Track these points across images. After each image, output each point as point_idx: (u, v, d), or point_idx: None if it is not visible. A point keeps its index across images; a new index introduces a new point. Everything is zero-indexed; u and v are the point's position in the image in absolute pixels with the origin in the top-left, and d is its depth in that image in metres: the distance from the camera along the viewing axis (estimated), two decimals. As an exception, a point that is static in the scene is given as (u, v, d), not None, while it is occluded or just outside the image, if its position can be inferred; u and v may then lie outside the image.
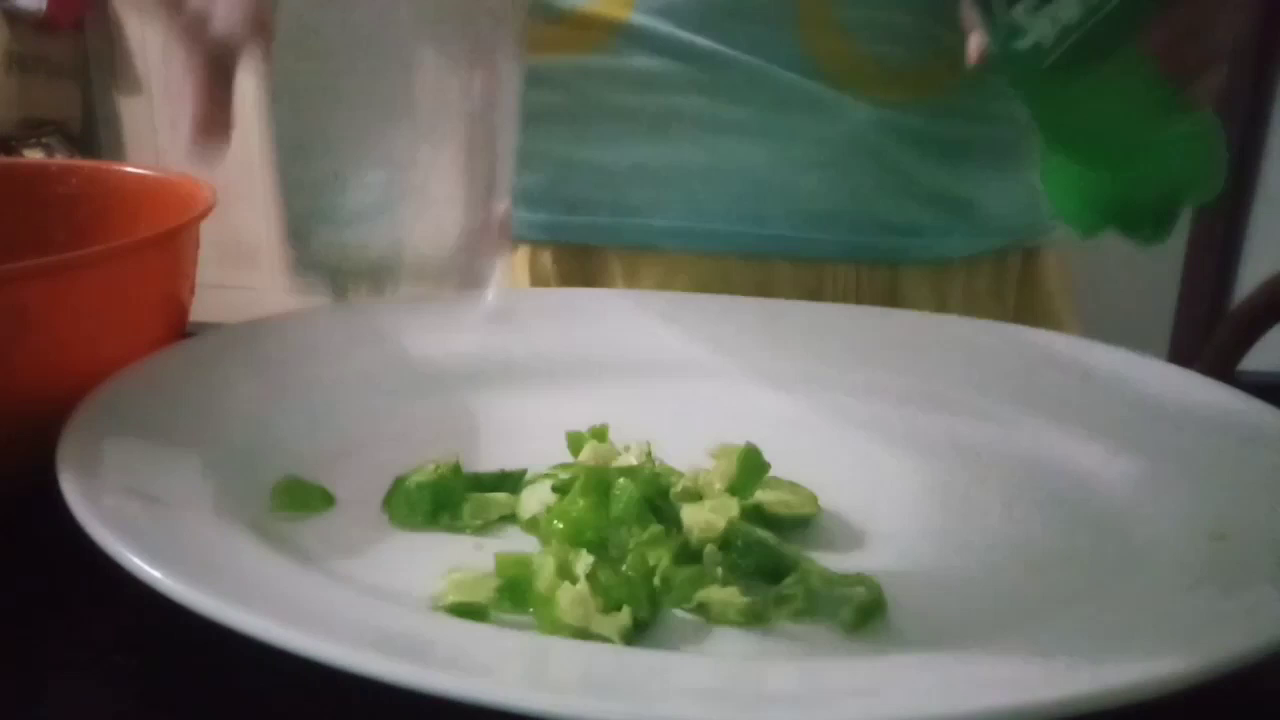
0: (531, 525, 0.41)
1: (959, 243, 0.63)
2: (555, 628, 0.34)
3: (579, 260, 0.62)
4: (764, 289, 0.60)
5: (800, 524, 0.41)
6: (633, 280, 0.62)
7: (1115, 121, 0.52)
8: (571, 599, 0.34)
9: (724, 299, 0.58)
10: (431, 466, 0.42)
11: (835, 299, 0.61)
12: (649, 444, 0.44)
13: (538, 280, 0.63)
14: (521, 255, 0.63)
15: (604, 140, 0.59)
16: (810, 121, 0.58)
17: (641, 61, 0.58)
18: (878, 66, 0.58)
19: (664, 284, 0.61)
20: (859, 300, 0.61)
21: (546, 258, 0.63)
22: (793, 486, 0.42)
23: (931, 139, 0.61)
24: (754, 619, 0.35)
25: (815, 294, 0.61)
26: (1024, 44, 0.50)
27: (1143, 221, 0.54)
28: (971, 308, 0.65)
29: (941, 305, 0.64)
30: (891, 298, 0.62)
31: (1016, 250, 0.67)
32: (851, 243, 0.61)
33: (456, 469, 0.42)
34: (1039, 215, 0.65)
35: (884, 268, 0.62)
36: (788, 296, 0.59)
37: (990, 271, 0.66)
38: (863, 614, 0.35)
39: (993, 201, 0.65)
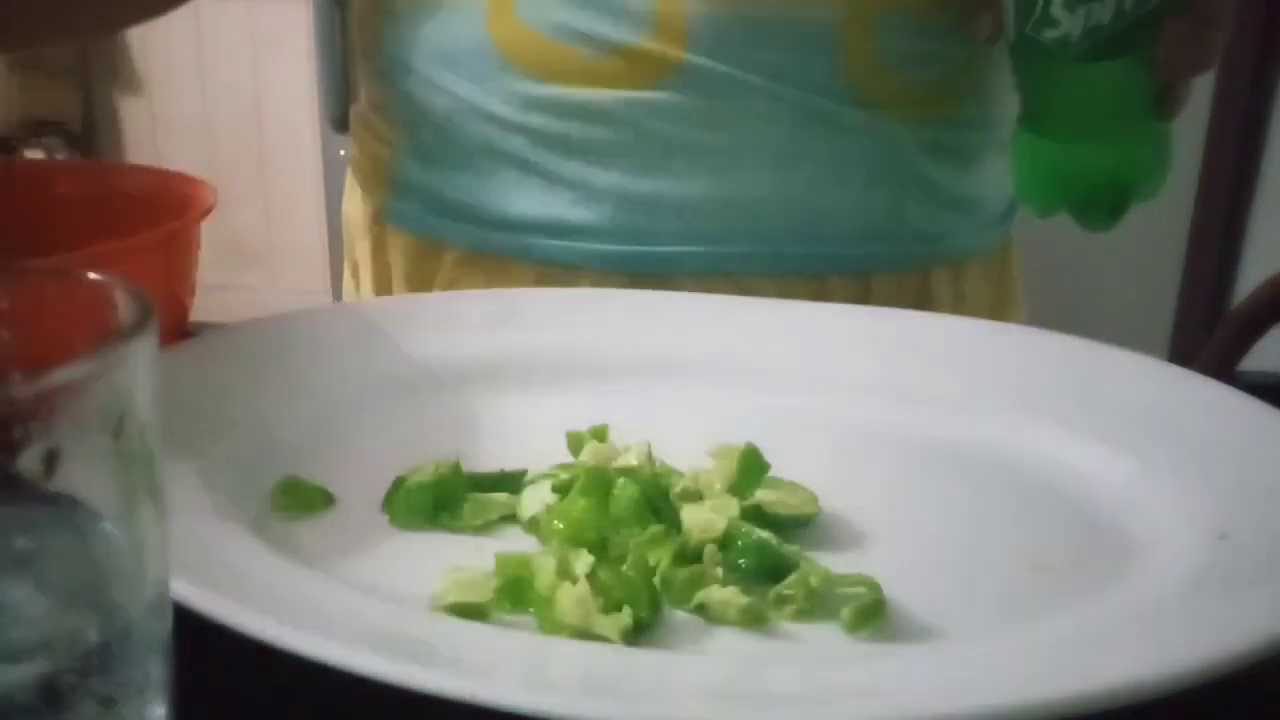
0: (532, 525, 0.41)
1: (974, 241, 0.68)
2: (555, 628, 0.34)
3: (648, 287, 0.62)
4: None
5: (800, 524, 0.41)
6: None
7: (1101, 110, 0.55)
8: (572, 599, 0.34)
9: (724, 299, 0.58)
10: (431, 466, 0.42)
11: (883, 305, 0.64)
12: (649, 444, 0.44)
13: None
14: (585, 282, 0.63)
15: (666, 173, 0.60)
16: (857, 145, 0.61)
17: (701, 101, 0.59)
18: (908, 90, 0.62)
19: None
20: (901, 305, 0.64)
21: (616, 285, 0.62)
22: (793, 486, 0.42)
23: (950, 148, 0.65)
24: (754, 619, 0.35)
25: (864, 302, 0.63)
26: (1053, 35, 0.52)
27: (1097, 208, 0.57)
28: (980, 302, 0.69)
29: (960, 302, 0.67)
30: (925, 300, 0.66)
31: (1009, 241, 0.72)
32: (894, 254, 0.65)
33: (456, 469, 0.42)
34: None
35: (917, 273, 0.65)
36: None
37: (998, 264, 0.70)
38: (863, 614, 0.35)
39: (996, 198, 0.69)
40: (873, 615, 0.35)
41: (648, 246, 0.62)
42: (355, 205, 0.73)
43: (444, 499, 0.41)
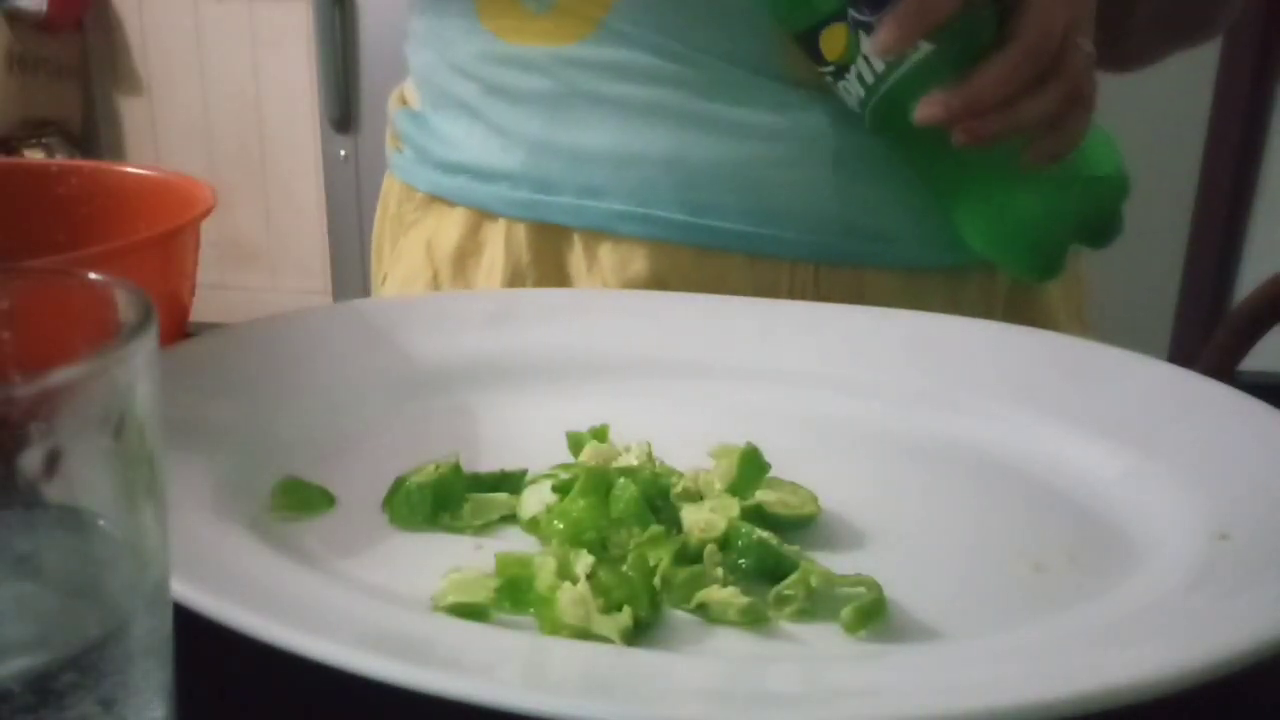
0: (532, 525, 0.41)
1: (935, 253, 0.63)
2: (555, 628, 0.34)
3: (549, 239, 0.64)
4: (717, 282, 0.61)
5: (801, 524, 0.41)
6: (591, 262, 0.63)
7: (960, 164, 0.57)
8: (572, 599, 0.34)
9: (724, 299, 0.58)
10: (432, 466, 0.42)
11: (791, 298, 0.62)
12: (649, 444, 0.44)
13: (511, 254, 0.65)
14: (498, 228, 0.65)
15: (578, 125, 0.62)
16: (770, 119, 0.60)
17: (618, 54, 0.60)
18: None
19: (619, 269, 0.62)
20: (817, 300, 0.62)
21: (521, 233, 0.65)
22: (793, 487, 0.42)
23: (906, 147, 0.61)
24: (754, 619, 0.35)
25: (770, 291, 0.61)
26: (851, 102, 0.56)
27: (1013, 255, 0.59)
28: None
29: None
30: (856, 301, 0.62)
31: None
32: (808, 242, 0.62)
33: (456, 469, 0.42)
34: None
35: (847, 270, 0.62)
36: (741, 292, 0.60)
37: (978, 285, 0.65)
38: (863, 614, 0.35)
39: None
40: (873, 615, 0.35)
41: (548, 196, 0.63)
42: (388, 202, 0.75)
43: (444, 499, 0.41)
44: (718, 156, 0.60)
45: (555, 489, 0.41)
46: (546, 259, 0.64)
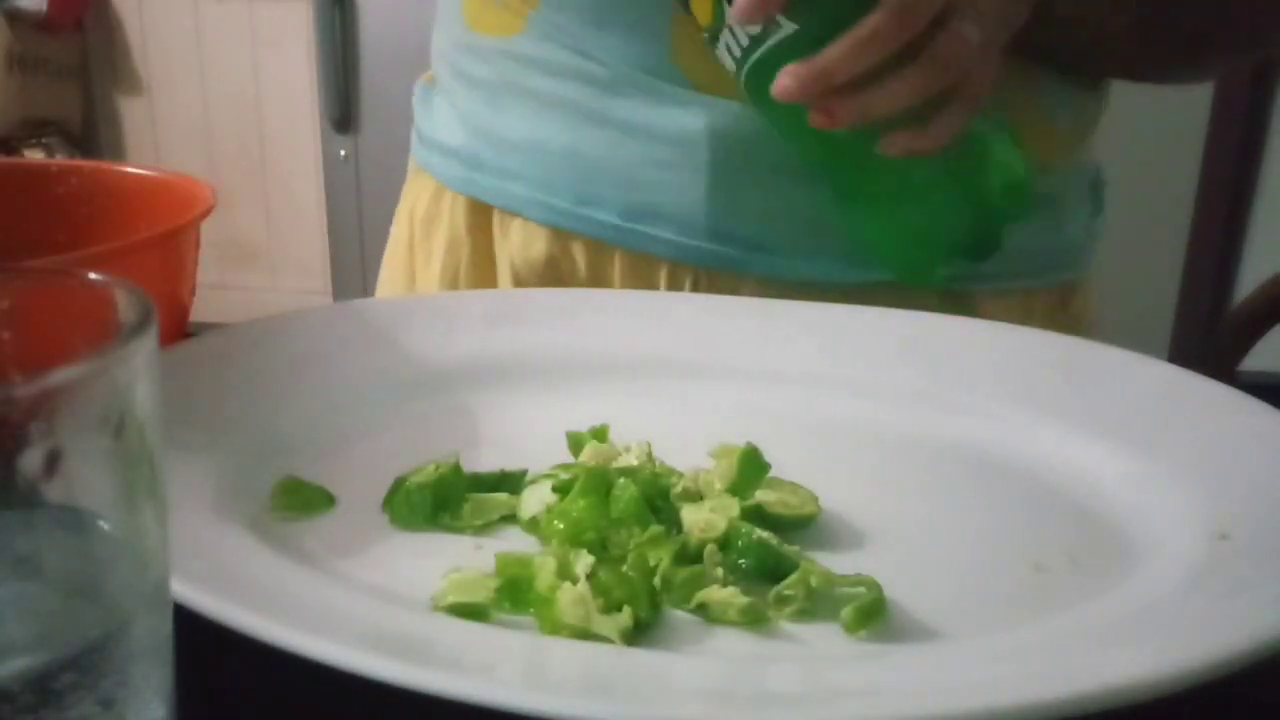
0: (532, 525, 0.41)
1: (828, 269, 0.62)
2: (555, 628, 0.34)
3: (478, 214, 0.69)
4: (601, 274, 0.65)
5: (801, 524, 0.41)
6: (504, 240, 0.68)
7: (835, 149, 0.55)
8: (572, 599, 0.34)
9: (724, 299, 0.58)
10: (432, 466, 0.42)
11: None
12: (649, 444, 0.44)
13: (454, 225, 0.70)
14: (449, 199, 0.70)
15: (504, 112, 0.66)
16: (653, 119, 0.61)
17: (539, 49, 0.64)
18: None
19: (523, 249, 0.66)
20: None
21: (461, 206, 0.69)
22: (793, 487, 0.42)
23: (787, 159, 0.60)
24: (754, 619, 0.35)
25: (647, 287, 0.63)
26: (729, 68, 0.53)
27: (886, 253, 0.57)
28: None
29: None
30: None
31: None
32: (681, 244, 0.63)
33: (456, 469, 0.42)
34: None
35: (726, 277, 0.63)
36: (621, 286, 0.64)
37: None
38: (863, 614, 0.35)
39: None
40: (873, 615, 0.35)
41: (478, 175, 0.68)
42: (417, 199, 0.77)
43: (444, 499, 0.41)
44: (604, 152, 0.63)
45: (555, 489, 0.41)
46: (476, 232, 0.69)
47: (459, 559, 0.38)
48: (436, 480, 0.42)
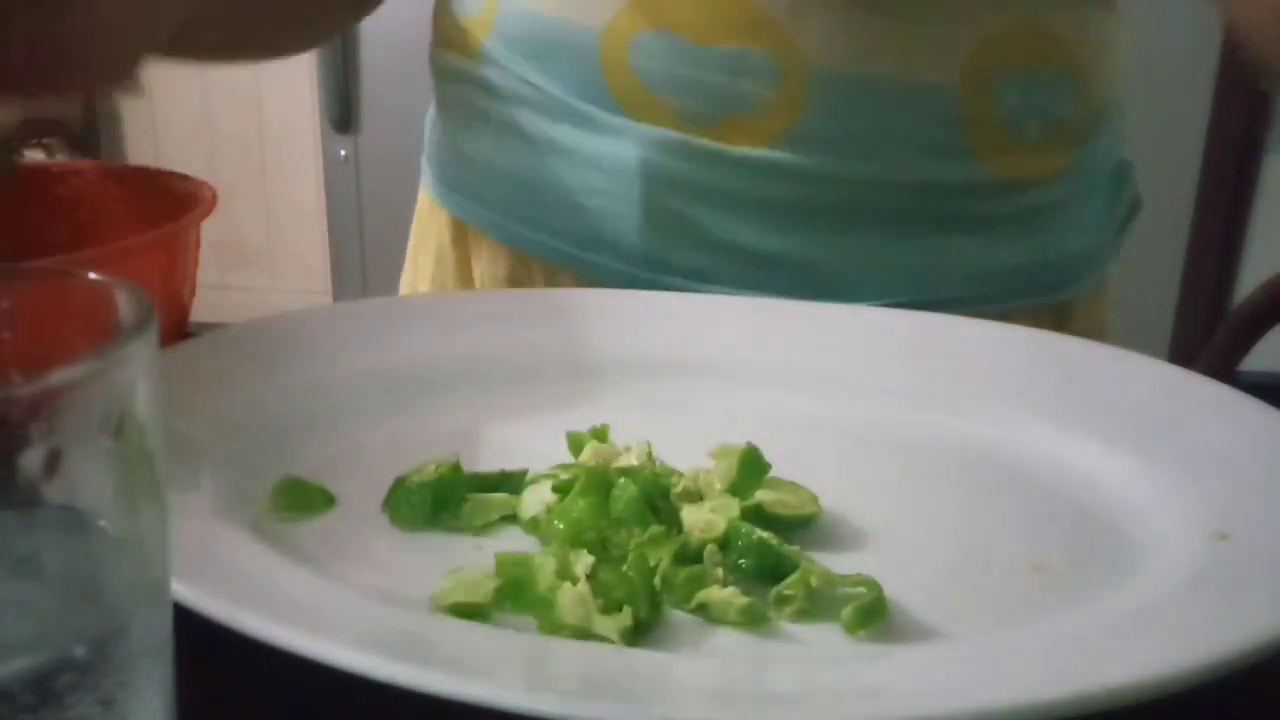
0: (532, 525, 0.41)
1: (768, 294, 0.60)
2: (555, 628, 0.34)
3: (458, 228, 0.70)
4: None
5: (801, 524, 0.41)
6: (476, 256, 0.69)
7: None
8: (572, 599, 0.34)
9: (724, 299, 0.58)
10: (432, 466, 0.42)
11: None
12: (649, 444, 0.44)
13: (441, 235, 0.71)
14: (429, 202, 0.72)
15: (470, 134, 0.68)
16: (597, 149, 0.62)
17: (494, 74, 0.65)
18: (676, 116, 0.60)
19: (491, 267, 0.67)
20: None
21: (444, 218, 0.70)
22: (793, 487, 0.42)
23: (732, 192, 0.60)
24: (754, 619, 0.35)
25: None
26: None
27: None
28: None
29: None
30: None
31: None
32: (624, 272, 0.63)
33: (456, 469, 0.42)
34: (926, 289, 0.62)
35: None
36: None
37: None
38: (863, 614, 0.35)
39: (846, 267, 0.61)
40: (873, 615, 0.35)
41: (454, 193, 0.70)
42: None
43: (444, 499, 0.41)
44: (551, 179, 0.63)
45: (555, 489, 0.41)
46: (459, 245, 0.70)
47: (459, 559, 0.38)
48: (436, 480, 0.42)
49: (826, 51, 0.58)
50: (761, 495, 0.41)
